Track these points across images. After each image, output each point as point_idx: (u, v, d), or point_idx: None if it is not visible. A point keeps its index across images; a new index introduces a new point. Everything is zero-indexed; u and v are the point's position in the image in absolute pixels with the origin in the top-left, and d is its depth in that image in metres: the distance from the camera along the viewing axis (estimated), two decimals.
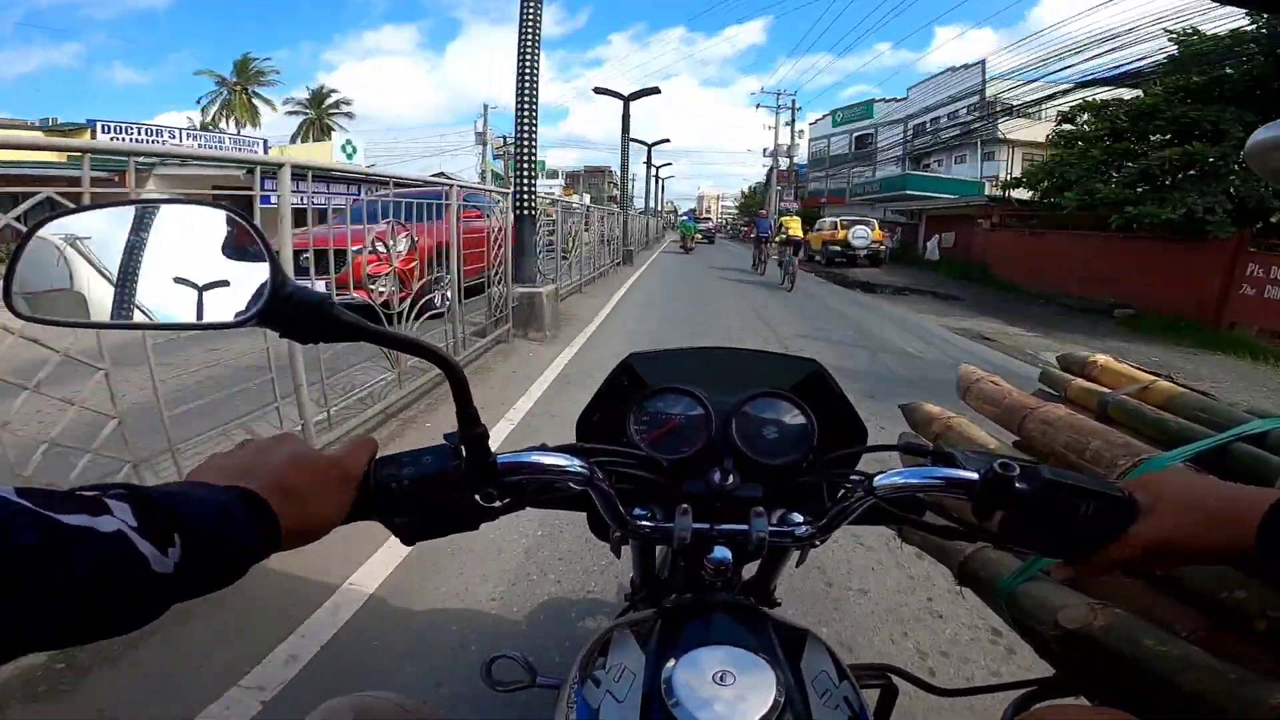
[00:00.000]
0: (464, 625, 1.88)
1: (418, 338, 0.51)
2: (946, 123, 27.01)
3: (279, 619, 1.83)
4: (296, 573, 2.03)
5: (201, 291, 0.46)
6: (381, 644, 1.78)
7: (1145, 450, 0.85)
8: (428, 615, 1.93)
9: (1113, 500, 0.49)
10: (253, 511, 0.42)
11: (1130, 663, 0.58)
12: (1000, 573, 0.78)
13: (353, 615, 1.91)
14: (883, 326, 8.48)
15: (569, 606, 2.01)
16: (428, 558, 2.17)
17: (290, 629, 1.81)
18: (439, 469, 0.54)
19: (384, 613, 1.93)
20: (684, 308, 9.32)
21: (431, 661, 1.71)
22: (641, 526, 0.62)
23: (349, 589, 2.02)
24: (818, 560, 2.21)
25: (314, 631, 1.82)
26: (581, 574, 2.17)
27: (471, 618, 1.92)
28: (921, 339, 7.70)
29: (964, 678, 1.70)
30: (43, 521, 0.30)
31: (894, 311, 10.27)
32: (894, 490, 0.56)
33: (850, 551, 2.32)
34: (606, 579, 2.13)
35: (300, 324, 0.46)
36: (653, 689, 0.48)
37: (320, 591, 1.99)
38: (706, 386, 0.74)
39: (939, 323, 9.21)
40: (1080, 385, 1.14)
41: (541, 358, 5.41)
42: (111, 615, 0.33)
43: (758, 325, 7.92)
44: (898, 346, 7.02)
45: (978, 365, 1.29)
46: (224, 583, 0.39)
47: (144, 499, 0.35)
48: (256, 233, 0.46)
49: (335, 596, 1.99)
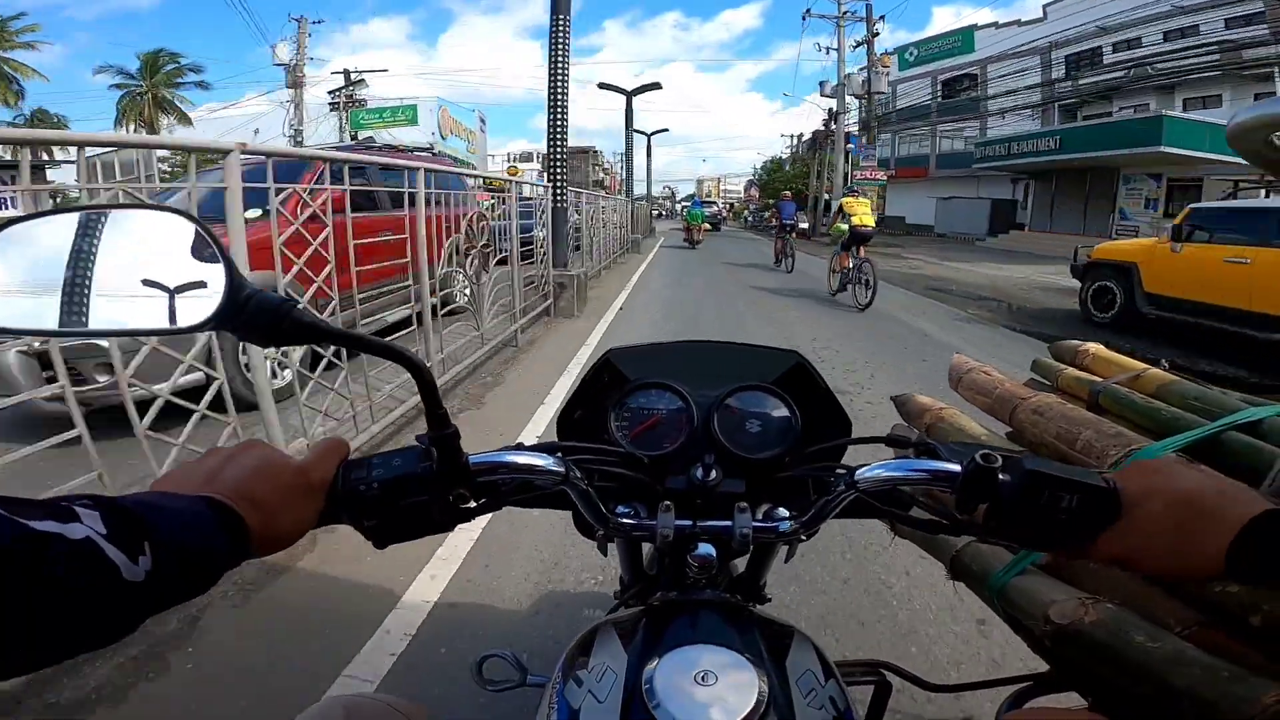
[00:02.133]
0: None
1: (382, 340, 0.50)
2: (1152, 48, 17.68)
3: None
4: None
5: (156, 297, 0.45)
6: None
7: (1137, 440, 0.84)
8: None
9: (1096, 492, 0.48)
10: (221, 519, 0.41)
11: (1121, 659, 0.58)
12: (991, 567, 0.78)
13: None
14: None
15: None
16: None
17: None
18: (409, 471, 0.53)
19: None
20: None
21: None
22: (623, 524, 0.61)
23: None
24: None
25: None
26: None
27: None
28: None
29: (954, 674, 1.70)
30: (10, 524, 0.30)
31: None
32: (876, 483, 0.55)
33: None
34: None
35: (259, 328, 0.46)
36: (634, 689, 0.47)
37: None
38: (688, 381, 0.73)
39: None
40: (1072, 374, 1.14)
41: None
42: (83, 626, 0.33)
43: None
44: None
45: (968, 356, 1.27)
46: (195, 592, 0.39)
47: (112, 507, 0.35)
48: (210, 236, 0.45)
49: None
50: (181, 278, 0.45)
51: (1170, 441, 0.82)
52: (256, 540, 0.44)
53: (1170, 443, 0.82)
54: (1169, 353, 5.45)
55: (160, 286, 0.45)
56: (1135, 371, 1.06)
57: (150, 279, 0.45)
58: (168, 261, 0.45)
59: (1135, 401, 0.96)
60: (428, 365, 0.52)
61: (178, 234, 0.46)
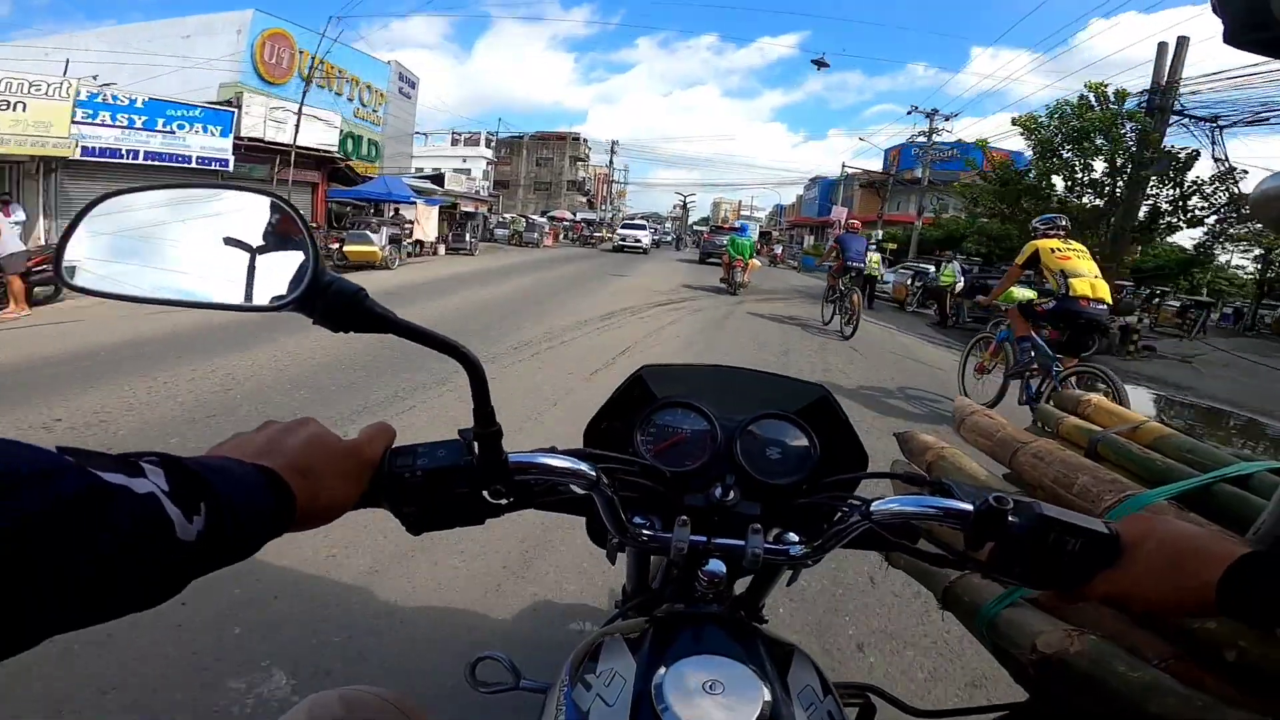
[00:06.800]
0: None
1: (442, 334, 0.53)
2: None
3: None
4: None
5: (243, 275, 0.49)
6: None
7: (1131, 487, 0.87)
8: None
9: (1099, 537, 0.51)
10: (272, 489, 0.43)
11: (1102, 688, 0.60)
12: (982, 599, 0.80)
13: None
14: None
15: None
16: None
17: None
18: (453, 463, 0.55)
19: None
20: None
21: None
22: (640, 535, 0.64)
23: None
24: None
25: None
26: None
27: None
28: None
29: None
30: (85, 475, 0.31)
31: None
32: (891, 516, 0.58)
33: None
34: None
35: (334, 313, 0.48)
36: (643, 694, 0.49)
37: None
38: (714, 404, 0.76)
39: None
40: (1072, 423, 1.17)
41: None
42: (135, 582, 0.33)
43: None
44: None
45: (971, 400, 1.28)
46: (239, 556, 0.40)
47: (177, 466, 0.36)
48: (302, 222, 0.49)
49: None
50: (269, 259, 0.48)
51: (1163, 490, 0.85)
52: (301, 513, 0.45)
53: (1163, 491, 0.85)
54: None
55: (246, 266, 0.49)
56: (1134, 423, 1.09)
57: (237, 257, 0.49)
58: (257, 243, 0.49)
59: (1132, 451, 1.00)
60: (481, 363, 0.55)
61: (265, 215, 0.49)
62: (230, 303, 0.49)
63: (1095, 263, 4.70)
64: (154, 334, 5.74)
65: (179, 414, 3.73)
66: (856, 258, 9.22)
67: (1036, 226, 5.09)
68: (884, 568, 2.26)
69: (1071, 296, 4.45)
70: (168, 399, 3.99)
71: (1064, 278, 4.51)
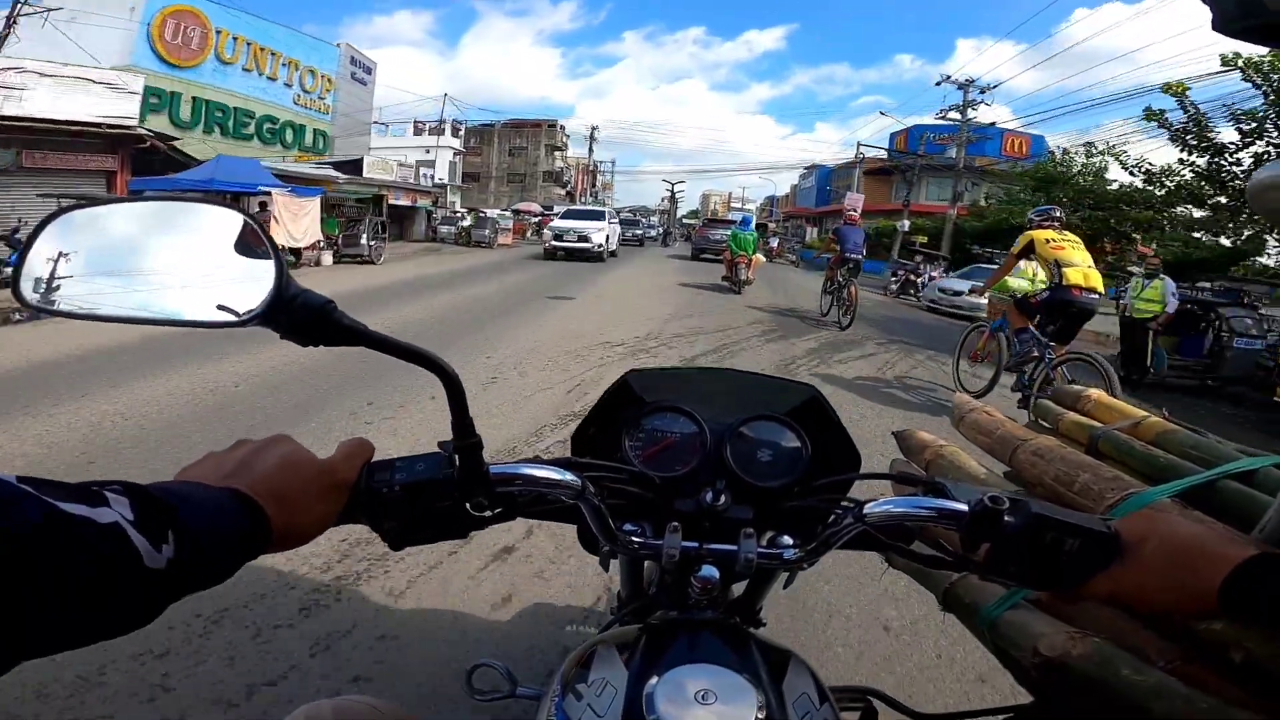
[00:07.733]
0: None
1: (416, 346, 0.52)
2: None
3: None
4: None
5: (207, 291, 0.48)
6: None
7: (1133, 485, 0.85)
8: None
9: (1098, 536, 0.50)
10: (245, 512, 0.42)
11: (1107, 691, 0.59)
12: (983, 600, 0.79)
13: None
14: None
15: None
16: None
17: None
18: (432, 476, 0.54)
19: None
20: None
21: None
22: (631, 542, 0.63)
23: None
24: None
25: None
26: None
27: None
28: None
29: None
30: (43, 506, 0.30)
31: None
32: (884, 518, 0.57)
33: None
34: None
35: (301, 327, 0.47)
36: (633, 705, 0.48)
37: None
38: (703, 407, 0.74)
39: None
40: (1072, 419, 1.15)
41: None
42: (104, 611, 0.33)
43: None
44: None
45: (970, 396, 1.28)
46: (213, 582, 0.39)
47: (142, 495, 0.35)
48: (263, 233, 0.48)
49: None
50: (232, 274, 0.47)
51: (1166, 487, 0.83)
52: (277, 534, 0.44)
53: (1166, 488, 0.83)
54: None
55: (212, 280, 0.48)
56: (1135, 419, 1.07)
57: (203, 273, 0.48)
58: (221, 257, 0.48)
59: (1134, 448, 0.98)
60: (458, 374, 0.54)
61: (230, 230, 0.48)
62: (200, 319, 0.48)
63: (1089, 253, 4.85)
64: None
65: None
66: (854, 249, 9.26)
67: (1032, 218, 5.24)
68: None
69: (1065, 285, 4.60)
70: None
71: (1058, 267, 4.66)
